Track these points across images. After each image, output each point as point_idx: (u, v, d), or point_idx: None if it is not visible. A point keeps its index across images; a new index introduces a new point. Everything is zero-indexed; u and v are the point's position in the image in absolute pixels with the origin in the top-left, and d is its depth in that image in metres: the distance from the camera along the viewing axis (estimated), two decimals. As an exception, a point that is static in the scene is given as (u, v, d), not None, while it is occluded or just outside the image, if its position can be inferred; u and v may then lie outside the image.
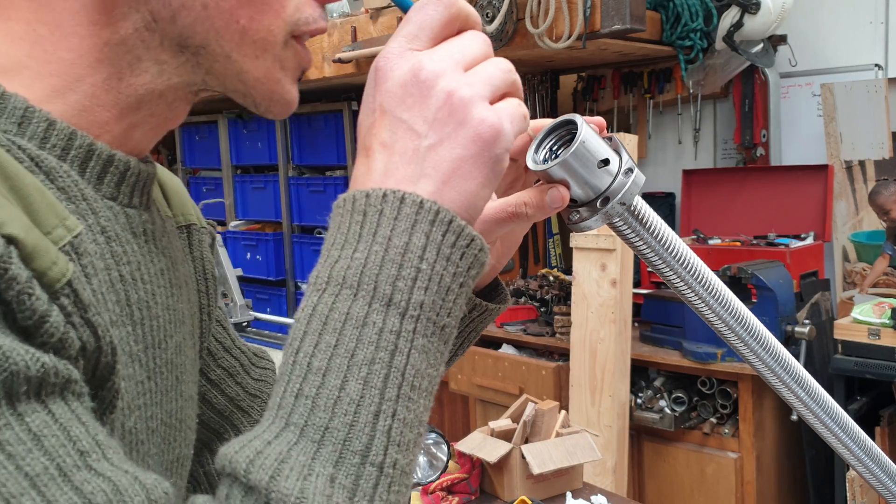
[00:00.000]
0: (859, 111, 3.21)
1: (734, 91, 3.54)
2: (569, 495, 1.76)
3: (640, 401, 2.86)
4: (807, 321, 2.62)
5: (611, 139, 0.59)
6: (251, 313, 3.33)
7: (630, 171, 0.57)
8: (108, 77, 0.51)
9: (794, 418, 2.58)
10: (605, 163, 0.57)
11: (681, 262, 0.62)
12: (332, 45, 3.57)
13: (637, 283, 3.25)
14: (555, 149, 0.58)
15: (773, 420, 2.78)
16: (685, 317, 2.81)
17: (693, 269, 0.63)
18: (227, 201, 5.03)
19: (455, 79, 0.47)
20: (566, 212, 0.59)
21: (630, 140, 2.65)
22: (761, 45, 3.23)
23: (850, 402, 2.59)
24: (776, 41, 3.37)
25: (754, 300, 2.64)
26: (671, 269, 0.62)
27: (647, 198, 3.63)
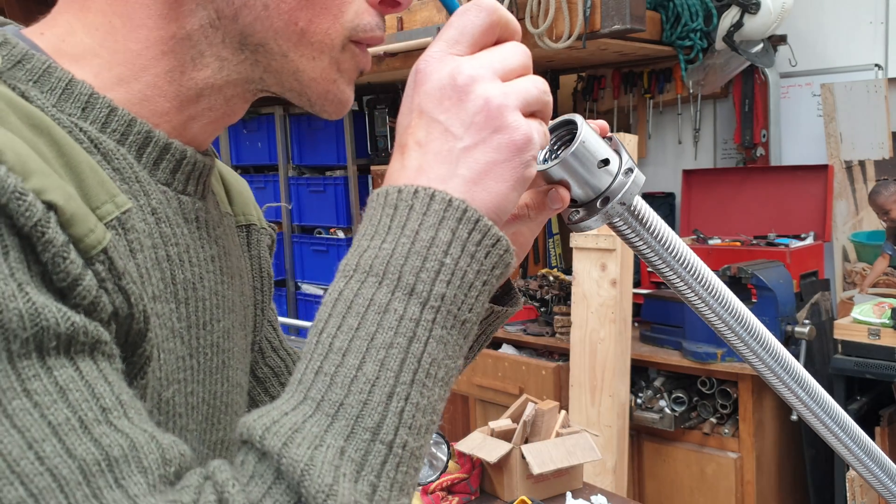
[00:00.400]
0: (859, 111, 3.21)
1: (734, 91, 3.54)
2: (569, 495, 1.76)
3: (640, 401, 2.86)
4: (807, 321, 2.62)
5: (611, 139, 0.59)
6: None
7: (630, 171, 0.57)
8: (170, 69, 0.54)
9: (794, 418, 2.58)
10: (605, 163, 0.57)
11: (681, 262, 0.62)
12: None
13: (637, 283, 3.25)
14: (555, 149, 0.58)
15: (773, 420, 2.78)
16: (685, 317, 2.80)
17: (693, 269, 0.63)
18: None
19: (492, 86, 0.49)
20: (566, 212, 0.59)
21: (630, 140, 2.65)
22: (761, 45, 3.23)
23: (850, 402, 2.59)
24: (776, 41, 3.37)
25: (754, 300, 2.64)
26: (671, 269, 0.62)
27: (647, 198, 3.64)
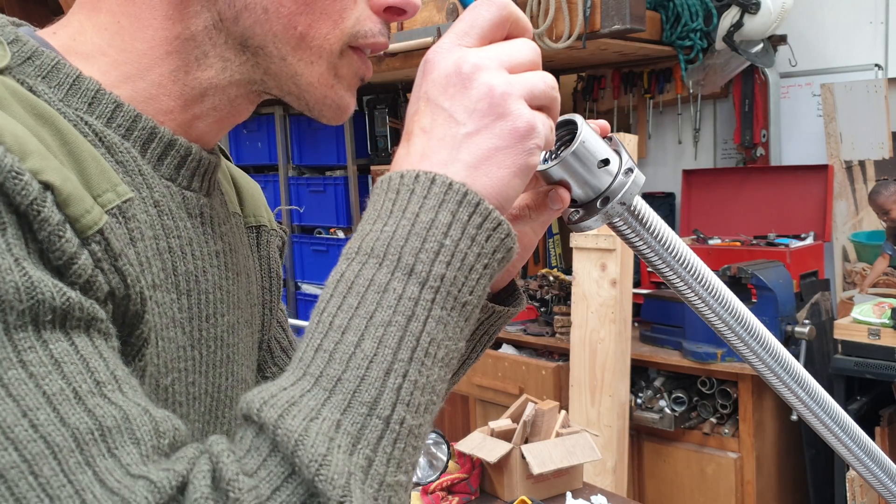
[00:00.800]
0: (859, 111, 3.21)
1: (734, 91, 3.54)
2: (569, 495, 1.76)
3: (640, 401, 2.86)
4: (807, 321, 2.62)
5: (611, 139, 0.59)
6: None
7: (630, 171, 0.57)
8: (175, 69, 0.55)
9: (794, 418, 2.58)
10: (605, 163, 0.57)
11: (681, 262, 0.62)
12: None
13: (637, 283, 3.25)
14: (555, 149, 0.58)
15: (773, 420, 2.78)
16: (685, 317, 2.80)
17: (693, 269, 0.63)
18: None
19: (497, 75, 0.50)
20: (566, 212, 0.59)
21: (630, 140, 2.65)
22: (761, 45, 3.23)
23: (850, 402, 2.59)
24: (776, 41, 3.37)
25: (754, 300, 2.63)
26: (671, 269, 0.62)
27: (647, 198, 3.64)
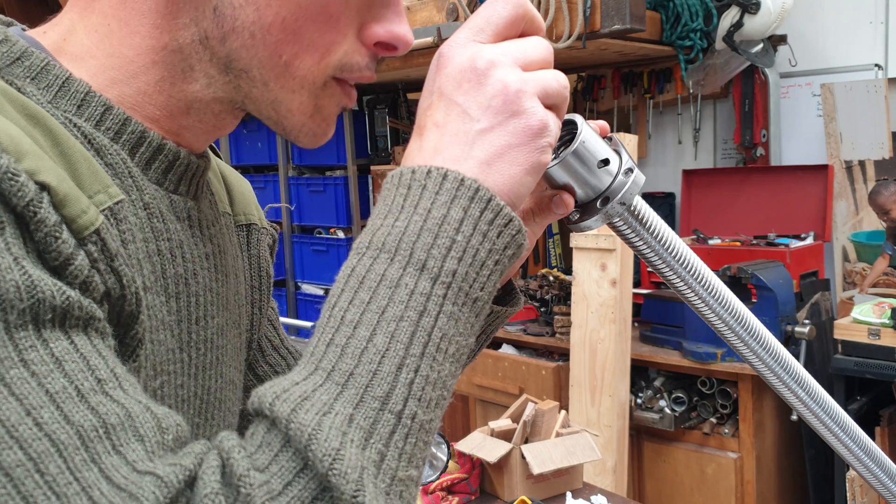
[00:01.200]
0: (859, 111, 3.21)
1: (734, 91, 3.54)
2: (569, 495, 1.76)
3: (640, 401, 2.86)
4: (807, 321, 2.62)
5: (611, 139, 0.59)
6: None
7: (630, 171, 0.57)
8: (160, 79, 0.55)
9: (794, 418, 2.57)
10: (605, 163, 0.57)
11: (681, 262, 0.62)
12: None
13: (637, 283, 3.25)
14: (555, 149, 0.58)
15: (773, 420, 2.78)
16: (685, 317, 2.80)
17: (693, 269, 0.63)
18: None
19: (511, 72, 0.50)
20: (566, 211, 0.59)
21: (630, 140, 2.65)
22: (761, 45, 3.22)
23: (850, 402, 2.59)
24: (776, 41, 3.37)
25: (754, 300, 2.63)
26: (671, 269, 0.62)
27: (647, 198, 3.64)
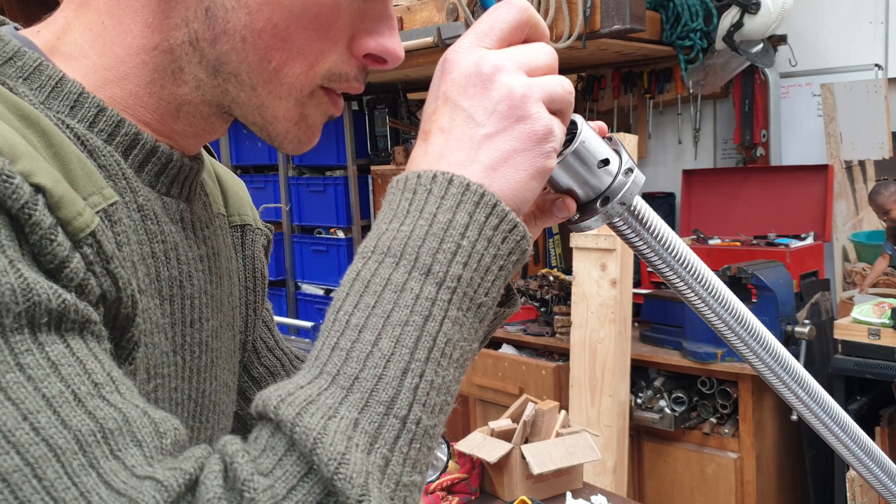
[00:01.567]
0: (859, 111, 3.21)
1: (734, 91, 3.54)
2: (569, 495, 1.76)
3: (640, 401, 2.86)
4: (807, 321, 2.62)
5: (610, 139, 0.59)
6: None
7: (630, 171, 0.57)
8: (151, 81, 0.54)
9: (794, 418, 2.57)
10: (605, 163, 0.57)
11: (681, 262, 0.62)
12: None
13: (637, 283, 3.25)
14: (555, 149, 0.58)
15: (773, 420, 2.78)
16: (685, 317, 2.80)
17: (693, 269, 0.63)
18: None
19: (516, 77, 0.50)
20: (566, 211, 0.59)
21: (630, 140, 2.65)
22: (761, 45, 3.22)
23: (850, 402, 2.59)
24: (776, 41, 3.37)
25: (754, 300, 2.63)
26: (671, 269, 0.62)
27: (647, 198, 3.64)
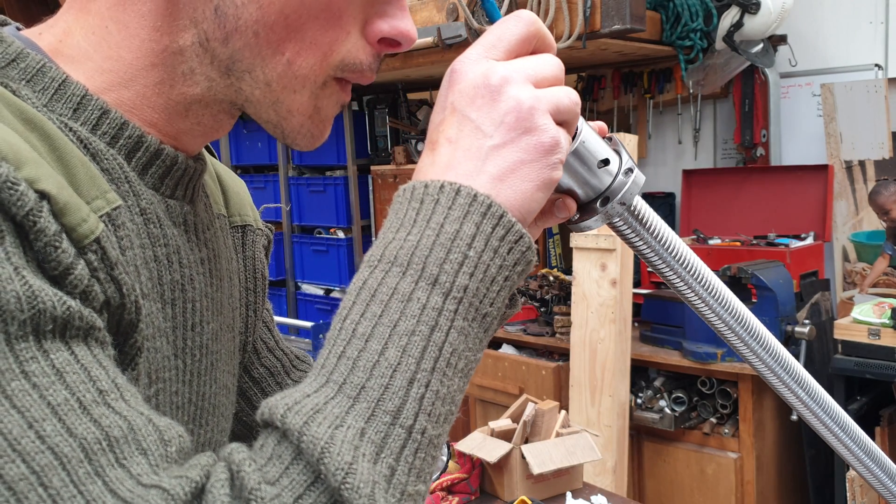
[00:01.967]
0: (859, 111, 3.21)
1: (734, 91, 3.54)
2: (569, 495, 1.75)
3: (640, 401, 2.86)
4: (807, 321, 2.62)
5: (610, 139, 0.59)
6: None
7: (630, 171, 0.57)
8: (160, 82, 0.54)
9: (794, 418, 2.58)
10: (605, 163, 0.57)
11: (681, 262, 0.62)
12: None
13: (637, 283, 3.25)
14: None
15: (773, 420, 2.78)
16: (685, 317, 2.80)
17: (693, 269, 0.63)
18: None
19: (524, 88, 0.50)
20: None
21: (630, 140, 2.65)
22: (761, 45, 3.22)
23: (850, 402, 2.59)
24: (776, 41, 3.37)
25: (754, 300, 2.63)
26: (671, 269, 0.62)
27: (647, 198, 3.64)
